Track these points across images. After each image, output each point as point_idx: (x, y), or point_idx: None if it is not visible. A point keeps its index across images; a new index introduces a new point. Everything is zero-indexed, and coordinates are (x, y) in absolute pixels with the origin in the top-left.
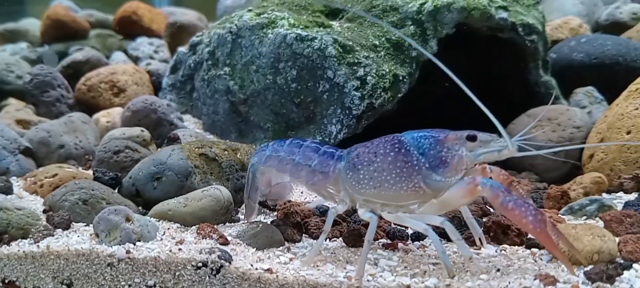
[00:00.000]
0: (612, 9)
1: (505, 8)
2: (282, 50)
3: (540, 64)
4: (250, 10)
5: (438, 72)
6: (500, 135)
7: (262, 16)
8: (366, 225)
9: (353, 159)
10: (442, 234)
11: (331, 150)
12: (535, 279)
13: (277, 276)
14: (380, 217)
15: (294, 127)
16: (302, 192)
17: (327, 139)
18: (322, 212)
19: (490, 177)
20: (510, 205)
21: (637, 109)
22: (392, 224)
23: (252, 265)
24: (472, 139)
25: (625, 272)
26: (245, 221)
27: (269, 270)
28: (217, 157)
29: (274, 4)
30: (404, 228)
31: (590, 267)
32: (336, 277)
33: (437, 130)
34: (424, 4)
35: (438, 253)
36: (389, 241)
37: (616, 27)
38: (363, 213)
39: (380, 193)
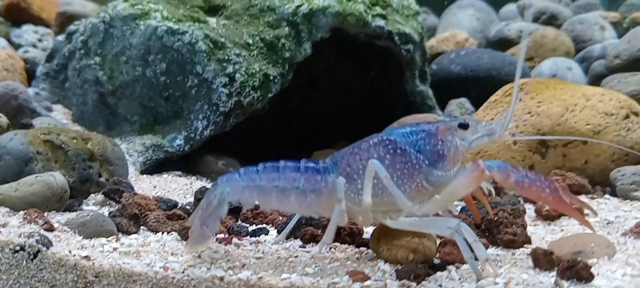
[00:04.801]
0: (501, 26)
1: (383, 16)
2: (153, 42)
3: (417, 73)
4: (126, 1)
5: (328, 80)
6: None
7: (135, 7)
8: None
9: (345, 169)
10: None
11: (312, 164)
12: (345, 275)
13: (93, 263)
14: None
15: (162, 121)
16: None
17: (192, 135)
18: (169, 206)
19: None
20: (526, 183)
21: (493, 119)
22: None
23: (70, 252)
24: (464, 127)
25: (438, 272)
26: (189, 249)
27: (86, 257)
28: (63, 145)
29: None
30: (246, 225)
31: (401, 266)
32: (153, 266)
33: (423, 123)
34: (300, 6)
35: (466, 259)
36: (226, 236)
37: (504, 43)
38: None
39: (383, 199)
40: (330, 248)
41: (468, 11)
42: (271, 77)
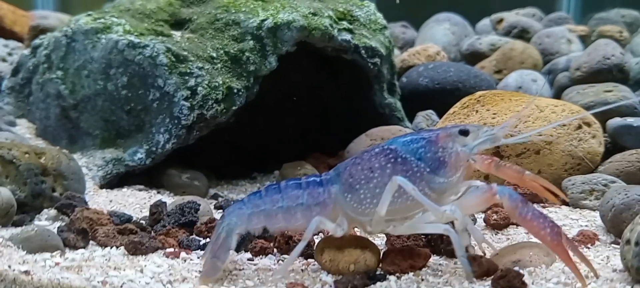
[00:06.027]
0: (473, 40)
1: (349, 30)
2: (114, 56)
3: (385, 86)
4: (89, 15)
5: (303, 92)
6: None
7: (97, 21)
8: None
9: (347, 180)
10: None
11: (313, 178)
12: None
13: (32, 278)
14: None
15: (124, 135)
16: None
17: (154, 149)
18: (122, 220)
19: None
20: (528, 216)
21: None
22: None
23: (10, 267)
24: (465, 133)
25: (377, 282)
26: (202, 282)
27: (26, 272)
28: (14, 160)
29: (117, 10)
30: (199, 238)
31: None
32: (92, 281)
33: (424, 131)
34: (265, 20)
35: (457, 254)
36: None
37: (475, 57)
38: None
39: (394, 209)
40: (278, 260)
41: (444, 25)
42: (235, 90)
